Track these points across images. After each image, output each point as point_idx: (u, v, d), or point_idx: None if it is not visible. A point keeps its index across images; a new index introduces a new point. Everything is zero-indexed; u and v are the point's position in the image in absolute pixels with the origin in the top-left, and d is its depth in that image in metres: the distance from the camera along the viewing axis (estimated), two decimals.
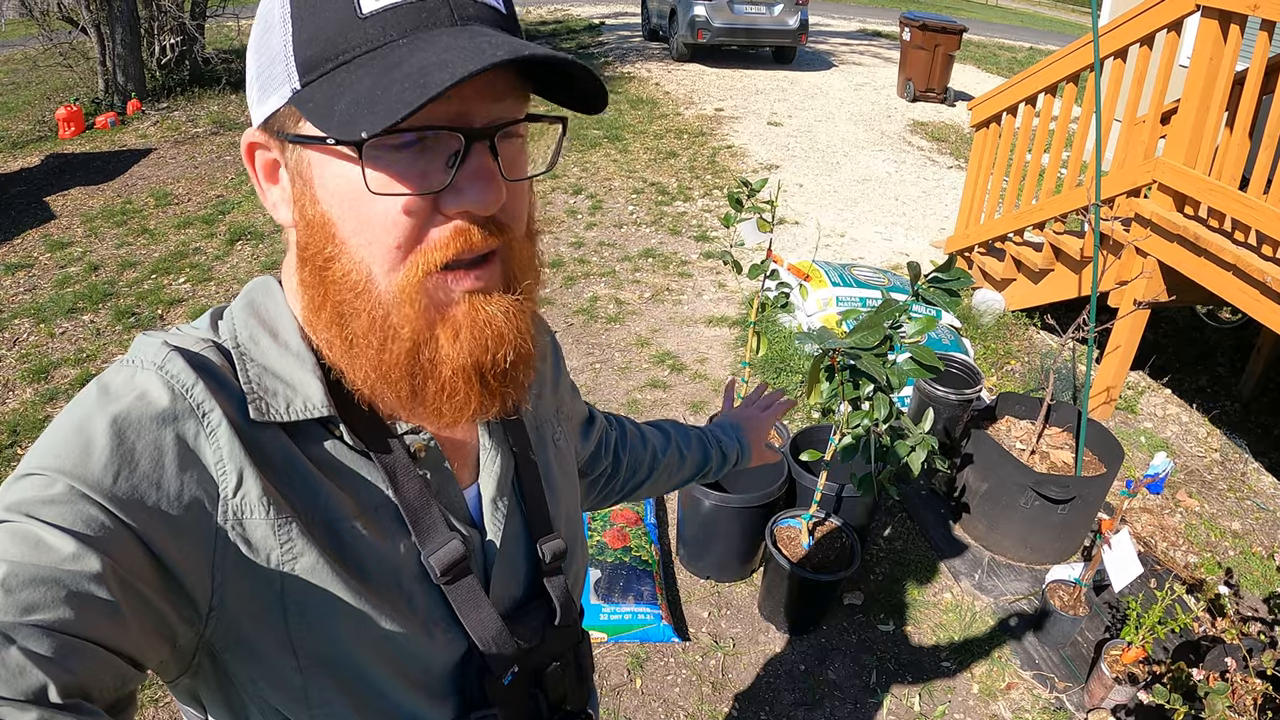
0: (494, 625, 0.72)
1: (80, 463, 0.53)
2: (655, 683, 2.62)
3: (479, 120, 0.58)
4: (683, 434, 1.26)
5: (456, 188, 0.58)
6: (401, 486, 0.68)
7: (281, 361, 0.65)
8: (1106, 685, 2.51)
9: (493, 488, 0.76)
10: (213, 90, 9.66)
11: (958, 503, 3.31)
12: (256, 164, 0.65)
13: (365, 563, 0.65)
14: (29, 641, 0.45)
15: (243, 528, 0.59)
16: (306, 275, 0.64)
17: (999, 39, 17.96)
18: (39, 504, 0.51)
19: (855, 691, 2.64)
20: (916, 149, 8.66)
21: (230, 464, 0.59)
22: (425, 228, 0.59)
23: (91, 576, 0.49)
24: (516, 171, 0.62)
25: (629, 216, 6.50)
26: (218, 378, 0.62)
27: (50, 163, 7.46)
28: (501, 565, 0.76)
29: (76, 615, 0.48)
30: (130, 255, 5.62)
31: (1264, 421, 4.16)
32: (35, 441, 0.57)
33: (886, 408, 2.00)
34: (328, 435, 0.66)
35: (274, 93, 0.60)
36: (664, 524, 3.24)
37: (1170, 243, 3.53)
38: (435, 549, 0.68)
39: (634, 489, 1.20)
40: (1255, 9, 3.04)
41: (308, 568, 0.61)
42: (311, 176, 0.60)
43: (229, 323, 0.66)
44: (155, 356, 0.60)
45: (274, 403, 0.63)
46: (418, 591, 0.68)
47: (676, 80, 11.20)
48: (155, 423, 0.57)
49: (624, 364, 4.44)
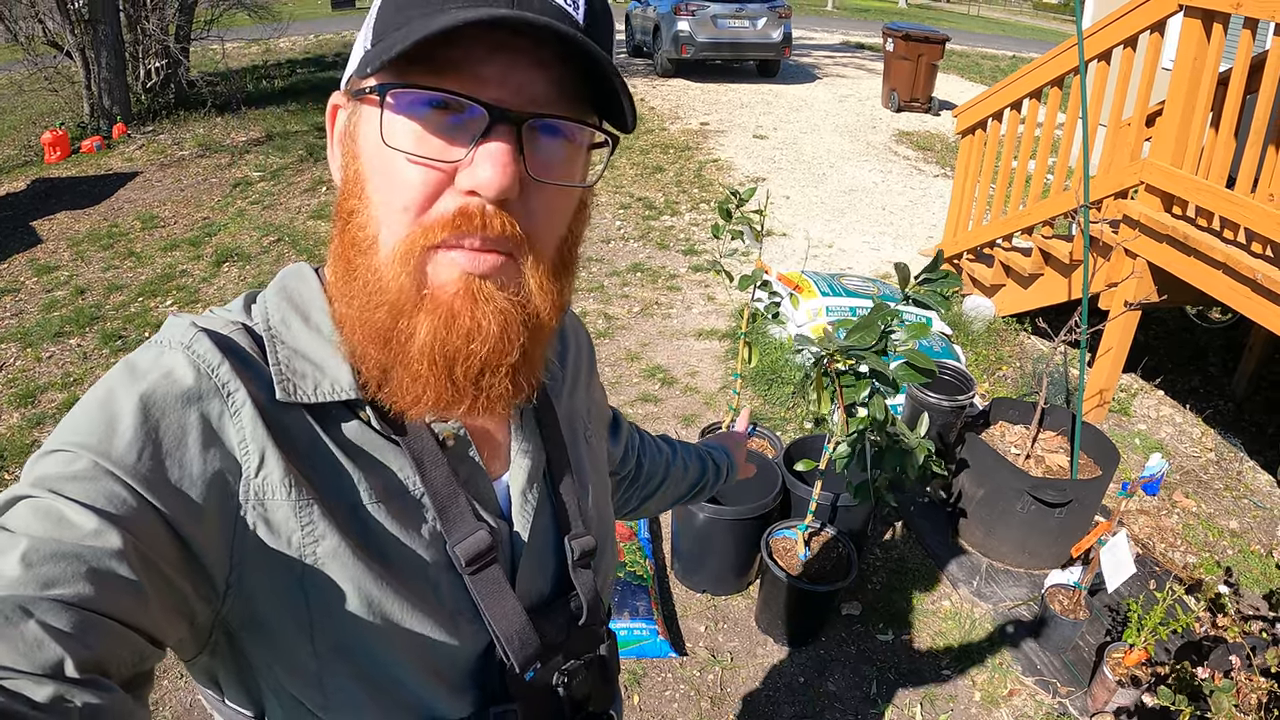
0: (518, 619, 0.71)
1: (104, 440, 0.54)
2: (653, 699, 2.58)
3: (516, 104, 0.57)
4: (682, 447, 1.26)
5: (471, 164, 0.57)
6: (429, 473, 0.67)
7: (311, 344, 0.65)
8: (1109, 689, 2.48)
9: (522, 479, 0.74)
10: (198, 113, 9.65)
11: (954, 509, 3.29)
12: (334, 128, 0.67)
13: (389, 549, 0.65)
14: (48, 616, 0.45)
15: (264, 508, 0.59)
16: (335, 234, 0.65)
17: (981, 48, 18.11)
18: (62, 480, 0.51)
19: (856, 702, 2.61)
20: (902, 158, 8.69)
21: (253, 444, 0.59)
22: (435, 197, 0.58)
23: (112, 553, 0.49)
24: (551, 173, 0.61)
25: (616, 231, 6.50)
26: (244, 359, 0.62)
27: (36, 187, 7.44)
28: (529, 559, 0.74)
29: (96, 591, 0.48)
30: (117, 278, 5.59)
31: (1258, 420, 4.15)
32: (62, 419, 0.57)
33: (884, 411, 1.98)
34: (353, 419, 0.66)
35: (356, 56, 0.63)
36: (658, 538, 3.21)
37: (1159, 243, 3.53)
38: (461, 538, 0.67)
39: (647, 498, 1.19)
40: (1238, 7, 3.06)
41: (329, 551, 0.61)
42: (357, 131, 0.62)
43: (261, 306, 0.67)
44: (183, 336, 0.61)
45: (302, 384, 0.63)
46: (444, 581, 0.67)
47: (661, 95, 11.25)
48: (180, 401, 0.57)
49: (614, 378, 4.41)
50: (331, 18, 21.49)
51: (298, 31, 16.16)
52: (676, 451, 1.23)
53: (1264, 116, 3.03)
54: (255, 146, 8.60)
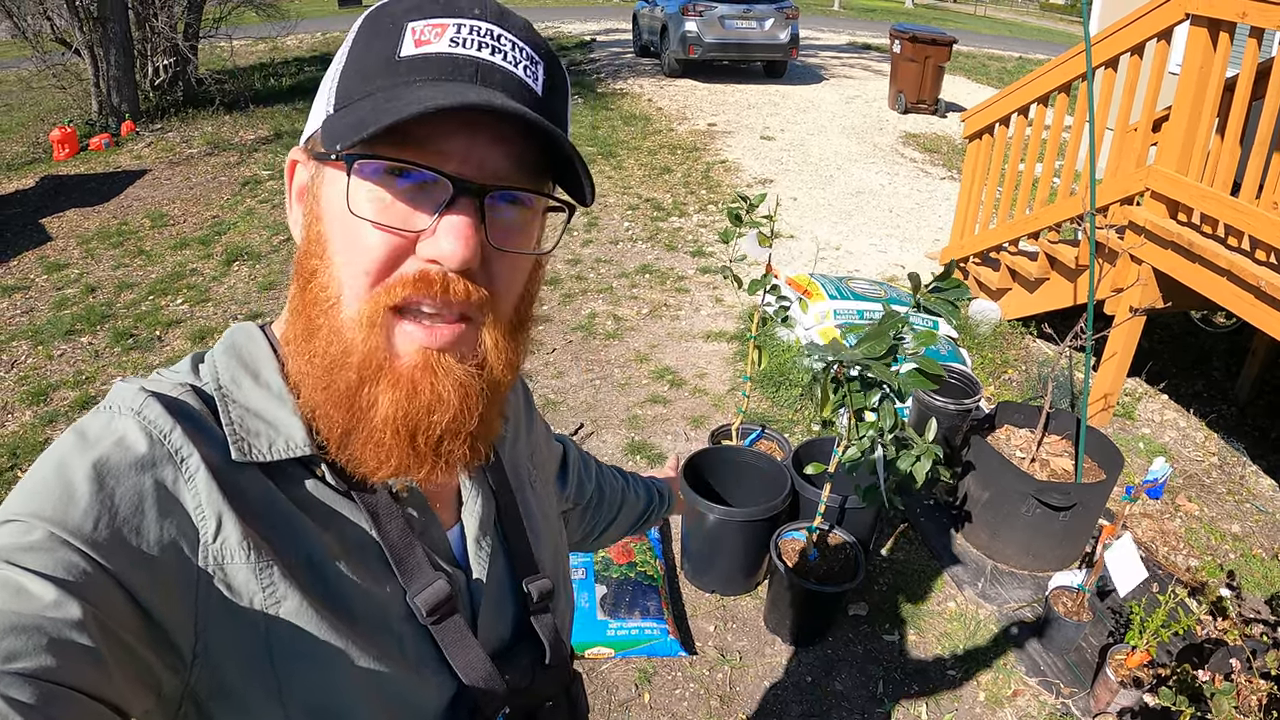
0: (483, 666, 0.72)
1: (60, 509, 0.53)
2: (663, 697, 2.62)
3: (478, 178, 0.59)
4: (631, 477, 1.30)
5: (433, 234, 0.59)
6: (384, 526, 0.68)
7: (263, 402, 0.65)
8: (1112, 689, 2.51)
9: (475, 527, 0.76)
10: (206, 111, 9.69)
11: (959, 512, 3.32)
12: (293, 182, 0.68)
13: (352, 604, 0.65)
14: (11, 689, 0.44)
15: (224, 572, 0.58)
16: (295, 292, 0.65)
17: (988, 49, 18.12)
18: (18, 550, 0.50)
19: (862, 702, 2.64)
20: (909, 161, 8.71)
21: (209, 509, 0.58)
22: (398, 263, 0.59)
23: (73, 623, 0.48)
24: (510, 242, 0.63)
25: (625, 233, 6.53)
26: (196, 422, 0.62)
27: (45, 184, 7.48)
28: (488, 605, 0.76)
29: (58, 662, 0.47)
30: (127, 277, 5.63)
31: (1261, 424, 4.18)
32: (11, 489, 0.56)
33: (893, 417, 2.01)
34: (309, 475, 0.66)
35: (317, 116, 0.64)
36: (668, 539, 3.25)
37: (1164, 249, 3.56)
38: (420, 589, 0.68)
39: (609, 524, 1.22)
40: (1244, 16, 3.08)
41: (292, 611, 0.60)
42: (320, 193, 0.63)
43: (210, 366, 0.67)
44: (132, 402, 0.60)
45: (256, 443, 0.63)
46: (407, 633, 0.68)
47: (669, 96, 11.27)
48: (134, 469, 0.56)
49: (623, 380, 4.45)
50: (339, 15, 21.55)
51: (305, 29, 16.20)
52: (629, 481, 1.27)
53: (1269, 124, 3.06)
54: (264, 145, 8.64)
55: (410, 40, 0.60)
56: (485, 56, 0.60)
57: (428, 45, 0.59)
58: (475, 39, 0.60)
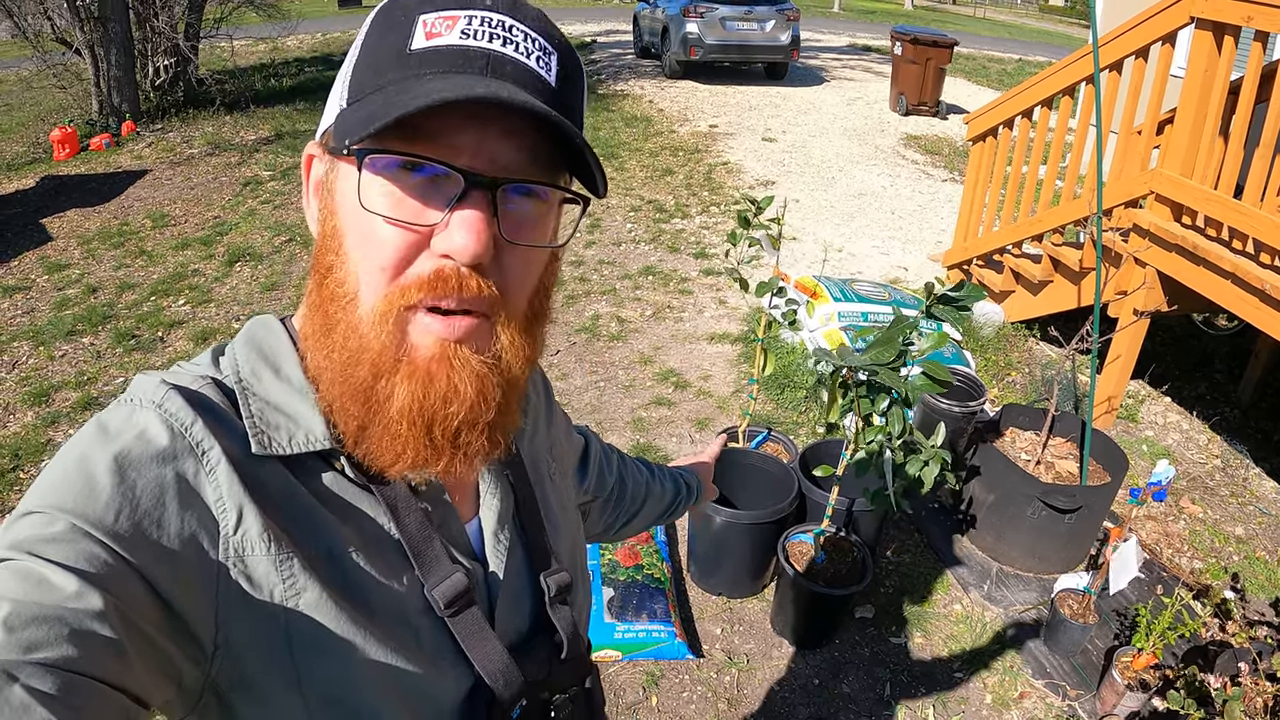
0: (500, 658, 0.72)
1: (81, 501, 0.53)
2: (671, 700, 2.62)
3: (489, 171, 0.59)
4: (658, 469, 1.30)
5: (446, 229, 0.59)
6: (403, 519, 0.68)
7: (283, 395, 0.65)
8: (1118, 692, 2.52)
9: (493, 520, 0.76)
10: (207, 111, 9.69)
11: (965, 515, 3.33)
12: (310, 177, 0.68)
13: (370, 597, 0.65)
14: (32, 680, 0.45)
15: (244, 564, 0.59)
16: (312, 287, 0.65)
17: (988, 51, 18.16)
18: (41, 542, 0.51)
19: (869, 704, 2.65)
20: (911, 162, 8.72)
21: (230, 501, 0.59)
22: (412, 258, 0.60)
23: (94, 614, 0.49)
24: (522, 235, 0.63)
25: (627, 234, 6.53)
26: (217, 415, 0.62)
27: (45, 184, 7.47)
28: (505, 598, 0.76)
29: (80, 653, 0.47)
30: (129, 277, 5.62)
31: (1264, 427, 4.19)
32: (34, 481, 0.57)
33: (901, 422, 2.02)
34: (328, 468, 0.66)
35: (331, 110, 0.65)
36: (674, 541, 3.25)
37: (1169, 252, 3.57)
38: (438, 582, 0.68)
39: (632, 516, 1.22)
40: (1249, 20, 3.09)
41: (311, 603, 0.61)
42: (334, 187, 0.63)
43: (230, 358, 0.67)
44: (154, 395, 0.61)
45: (276, 436, 0.63)
46: (425, 625, 0.68)
47: (670, 97, 11.28)
48: (155, 461, 0.57)
49: (628, 382, 4.45)
50: (339, 16, 21.55)
51: (305, 30, 16.20)
52: (654, 473, 1.27)
53: (1274, 127, 3.06)
54: (265, 145, 8.64)
55: (421, 33, 0.60)
56: (497, 48, 0.60)
57: (439, 38, 0.59)
58: (487, 30, 0.60)
